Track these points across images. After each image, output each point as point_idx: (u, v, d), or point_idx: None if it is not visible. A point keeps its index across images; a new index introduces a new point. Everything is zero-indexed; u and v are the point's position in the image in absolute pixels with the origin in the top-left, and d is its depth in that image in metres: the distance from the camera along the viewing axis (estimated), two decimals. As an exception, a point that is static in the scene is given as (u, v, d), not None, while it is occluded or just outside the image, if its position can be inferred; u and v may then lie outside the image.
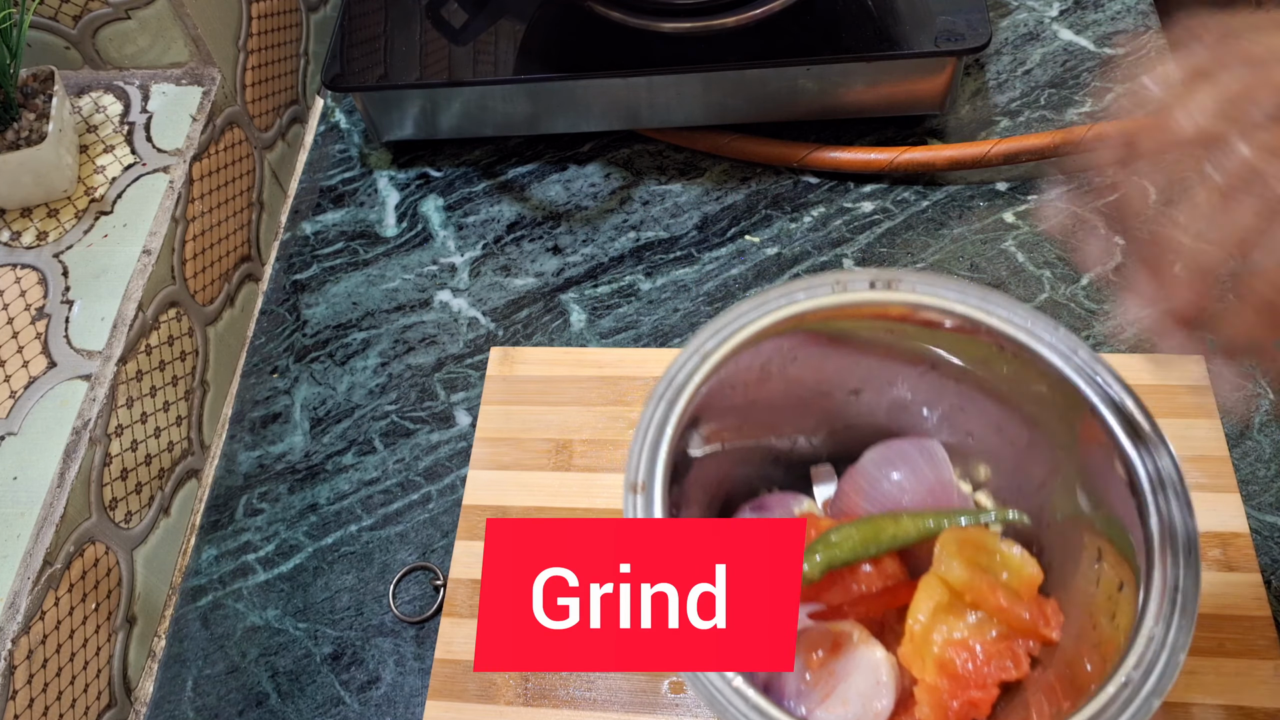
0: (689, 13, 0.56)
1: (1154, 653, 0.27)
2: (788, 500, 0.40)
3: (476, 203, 0.62)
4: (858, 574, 0.34)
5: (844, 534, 0.34)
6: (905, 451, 0.38)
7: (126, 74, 0.59)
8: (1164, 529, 0.29)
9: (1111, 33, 0.63)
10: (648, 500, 0.31)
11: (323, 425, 0.55)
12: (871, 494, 0.37)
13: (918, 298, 0.33)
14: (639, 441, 0.32)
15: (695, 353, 0.33)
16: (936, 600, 0.32)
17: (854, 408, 0.39)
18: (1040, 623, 0.32)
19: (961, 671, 0.31)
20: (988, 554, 0.33)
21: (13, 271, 0.51)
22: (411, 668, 0.47)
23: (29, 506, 0.43)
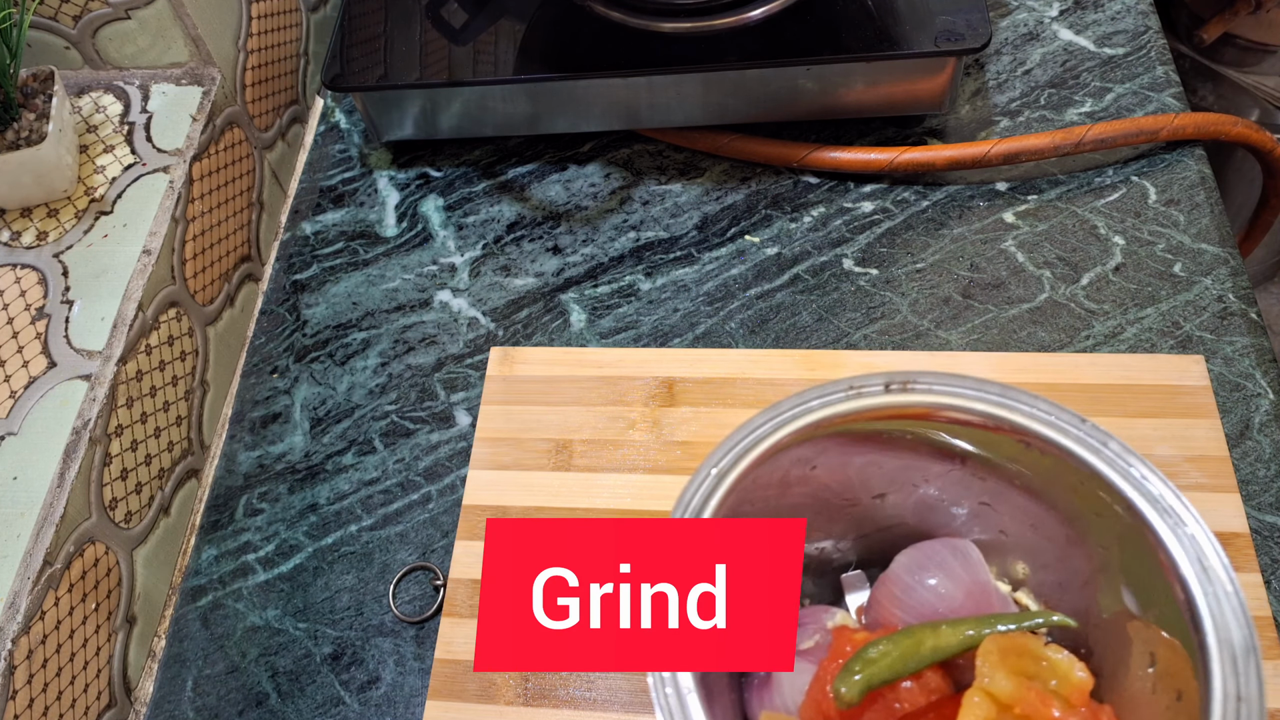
0: (689, 13, 0.56)
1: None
2: (820, 614, 0.38)
3: (476, 203, 0.62)
4: (899, 691, 0.32)
5: (881, 650, 0.32)
6: (938, 554, 0.36)
7: (126, 74, 0.59)
8: (1219, 633, 0.28)
9: (1112, 33, 0.63)
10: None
11: (323, 425, 0.55)
12: (907, 602, 0.35)
13: (935, 399, 0.32)
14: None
15: (710, 475, 0.32)
16: (984, 714, 0.30)
17: (881, 511, 0.38)
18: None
19: None
20: (1034, 660, 0.31)
21: (13, 271, 0.51)
22: (411, 668, 0.47)
23: (29, 506, 0.43)
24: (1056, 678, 0.31)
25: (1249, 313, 0.52)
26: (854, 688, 0.31)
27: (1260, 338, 0.51)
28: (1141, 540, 0.30)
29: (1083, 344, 0.52)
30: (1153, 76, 0.61)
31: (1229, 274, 0.53)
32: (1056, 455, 0.31)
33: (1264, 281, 0.81)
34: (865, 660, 0.32)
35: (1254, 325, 0.52)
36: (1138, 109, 0.60)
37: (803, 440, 0.33)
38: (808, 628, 0.37)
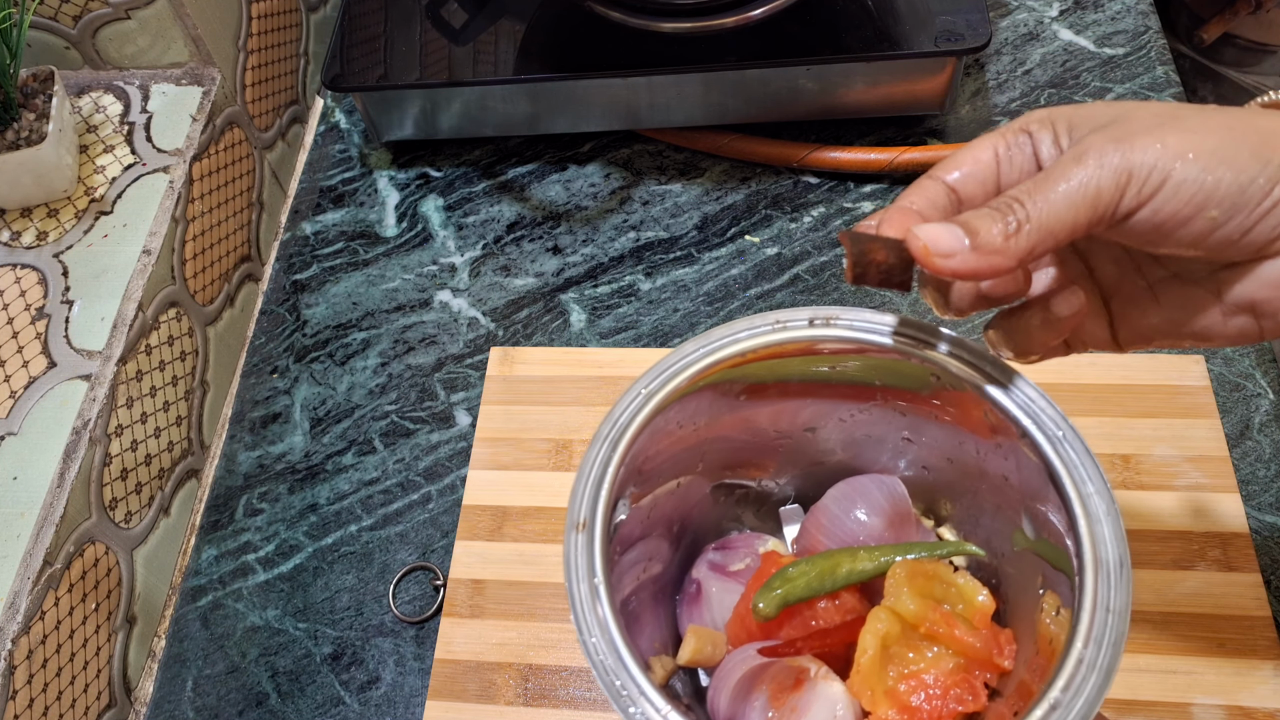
0: (689, 13, 0.56)
1: (1083, 675, 0.27)
2: (753, 540, 0.40)
3: (476, 203, 0.62)
4: (815, 609, 0.34)
5: (800, 570, 0.34)
6: (865, 488, 0.38)
7: (126, 74, 0.59)
8: (1095, 548, 0.29)
9: (1112, 33, 0.63)
10: (589, 538, 0.31)
11: (323, 425, 0.55)
12: (833, 531, 0.38)
13: (852, 334, 0.34)
14: (582, 481, 0.32)
15: (638, 394, 0.34)
16: (885, 632, 0.32)
17: (813, 445, 0.39)
18: (994, 652, 0.32)
19: (915, 704, 0.31)
20: (942, 585, 0.33)
21: (13, 271, 0.51)
22: (411, 668, 0.47)
23: (29, 506, 0.43)
24: (962, 602, 0.33)
25: (1249, 313, 0.52)
26: (771, 603, 0.33)
27: (1260, 338, 0.51)
28: (1036, 467, 0.31)
29: (1083, 344, 0.52)
30: (1153, 77, 0.61)
31: (1229, 274, 0.53)
32: (959, 384, 0.33)
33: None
34: (784, 578, 0.33)
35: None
36: (1138, 109, 0.60)
37: (730, 372, 0.35)
38: (739, 551, 0.39)
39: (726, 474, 0.40)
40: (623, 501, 0.34)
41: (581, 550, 0.31)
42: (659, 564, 0.38)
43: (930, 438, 0.37)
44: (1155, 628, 0.43)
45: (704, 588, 0.39)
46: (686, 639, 0.37)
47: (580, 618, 0.30)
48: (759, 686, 0.34)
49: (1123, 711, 0.42)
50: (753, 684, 0.35)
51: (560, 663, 0.45)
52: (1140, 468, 0.47)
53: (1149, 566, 0.45)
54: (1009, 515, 0.35)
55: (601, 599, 0.30)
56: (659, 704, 0.29)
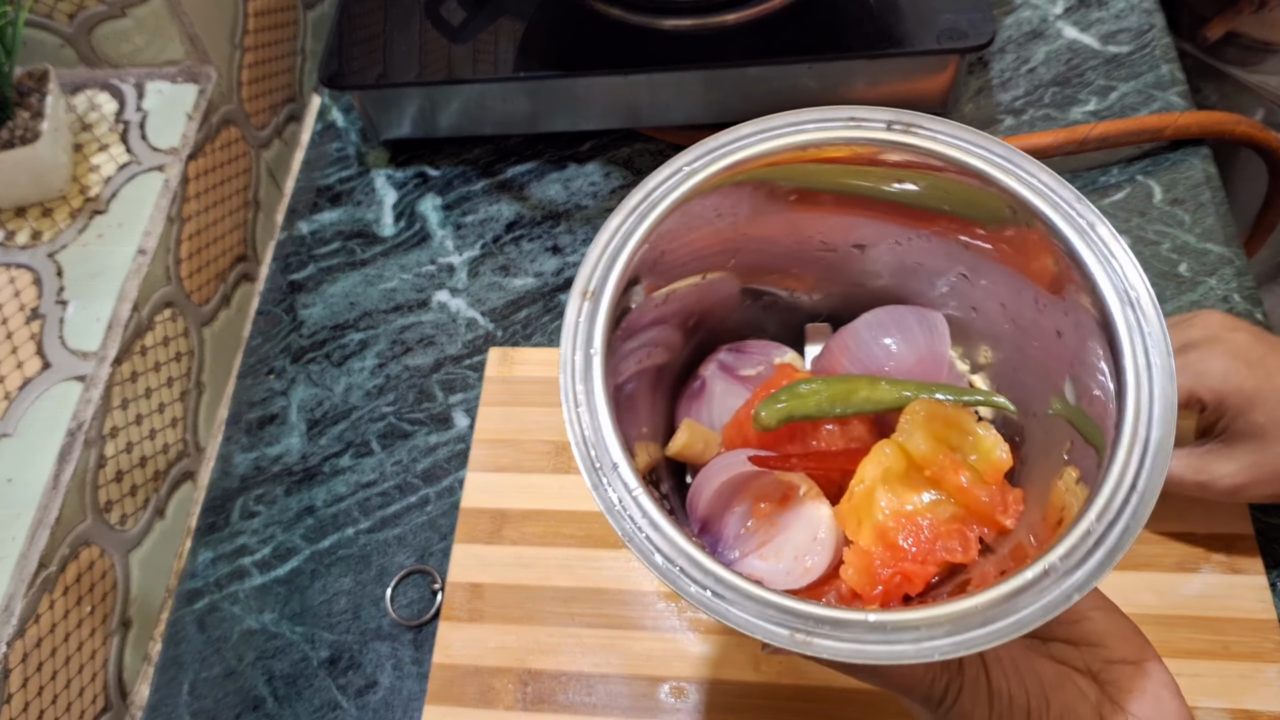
0: (689, 10, 0.56)
1: (1087, 549, 0.25)
2: (769, 349, 0.38)
3: (475, 202, 0.62)
4: (819, 430, 0.32)
5: (813, 388, 0.32)
6: (903, 318, 0.35)
7: (122, 72, 0.58)
8: (1137, 423, 0.27)
9: (1116, 30, 0.63)
10: (594, 308, 0.29)
11: (319, 427, 0.54)
12: (857, 354, 0.35)
13: (934, 145, 0.31)
14: (598, 248, 0.30)
15: (679, 169, 0.31)
16: (887, 466, 0.30)
17: (858, 265, 0.36)
18: (998, 509, 0.30)
19: (900, 543, 0.29)
20: (960, 432, 0.31)
21: (7, 271, 0.51)
22: (409, 672, 0.46)
23: (24, 509, 0.43)
24: (977, 453, 0.31)
25: (1254, 313, 0.52)
26: (774, 414, 0.31)
27: (1266, 339, 0.51)
28: (1098, 330, 0.29)
29: (1086, 345, 0.51)
30: (1157, 75, 0.60)
31: (1234, 274, 0.53)
32: (1040, 228, 0.30)
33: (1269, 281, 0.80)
34: (794, 393, 0.31)
35: (1259, 326, 0.51)
36: (1142, 108, 0.59)
37: (787, 164, 0.31)
38: (753, 357, 0.37)
39: (759, 278, 0.37)
40: (638, 287, 0.31)
41: (584, 318, 0.29)
42: (666, 353, 0.36)
43: (989, 278, 0.34)
44: (1159, 630, 0.43)
45: (708, 385, 0.37)
46: (679, 431, 0.35)
47: (568, 387, 0.28)
48: (743, 494, 0.33)
49: (1127, 716, 0.41)
50: (737, 491, 0.33)
51: (560, 667, 0.45)
52: (1145, 470, 0.47)
53: (1153, 569, 0.44)
54: (1052, 377, 0.32)
55: (595, 371, 0.28)
56: (630, 481, 0.27)
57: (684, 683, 0.44)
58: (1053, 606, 0.25)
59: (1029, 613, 0.25)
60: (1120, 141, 0.56)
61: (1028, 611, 0.25)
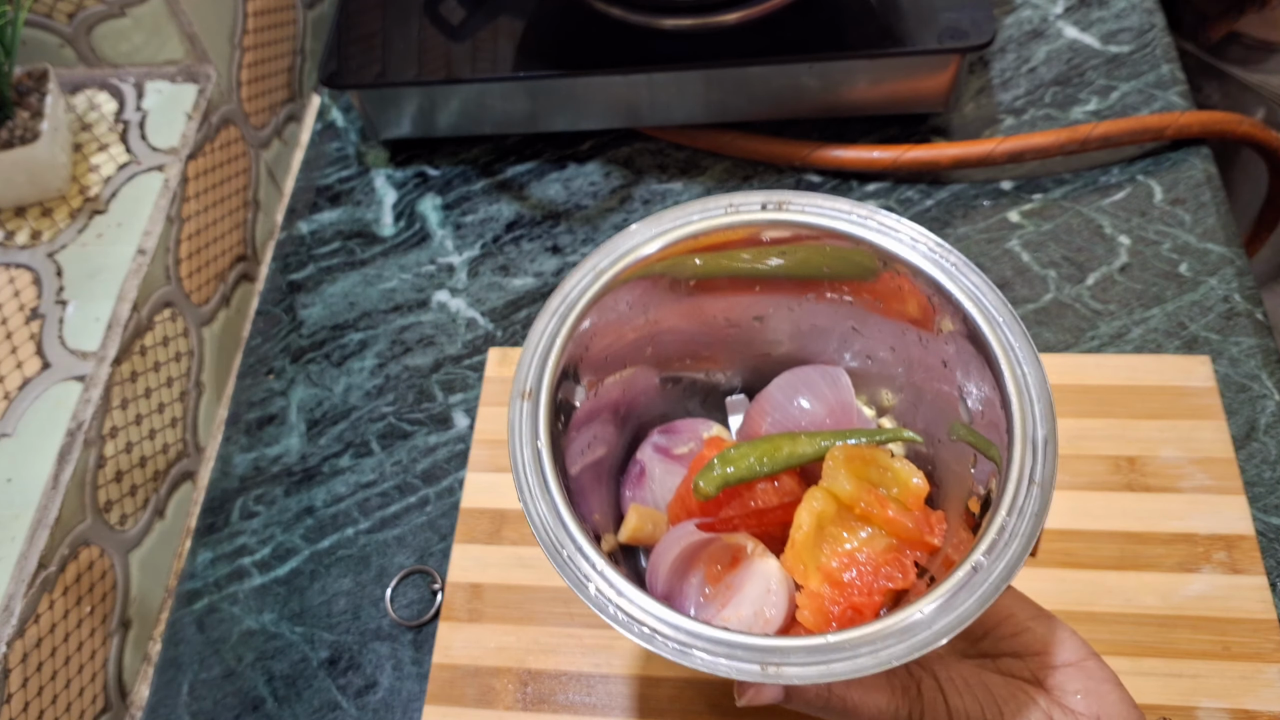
0: (690, 10, 0.56)
1: (1005, 541, 0.29)
2: (698, 425, 0.41)
3: (475, 202, 0.62)
4: (754, 491, 0.35)
5: (741, 452, 0.35)
6: (809, 377, 0.39)
7: (121, 72, 0.58)
8: (1025, 424, 0.30)
9: (1117, 30, 0.63)
10: (534, 406, 0.32)
11: (319, 427, 0.54)
12: (776, 417, 0.38)
13: (805, 218, 0.35)
14: (529, 353, 0.33)
15: (589, 271, 0.35)
16: (820, 510, 0.33)
17: (760, 336, 0.40)
18: (925, 531, 0.33)
19: (845, 579, 0.32)
20: (878, 469, 0.34)
21: (6, 271, 0.51)
22: (409, 672, 0.46)
23: (23, 509, 0.43)
24: (897, 485, 0.34)
25: (1255, 313, 0.51)
26: (712, 482, 0.34)
27: (1266, 338, 0.51)
28: (974, 354, 0.33)
29: (1088, 345, 0.51)
30: (1158, 74, 0.60)
31: (1235, 274, 0.53)
32: (906, 271, 0.34)
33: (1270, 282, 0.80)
34: (725, 459, 0.34)
35: (1260, 326, 0.51)
36: (1143, 107, 0.59)
37: (682, 254, 0.36)
38: (683, 435, 0.40)
39: (675, 364, 0.41)
40: (572, 383, 0.35)
41: (526, 417, 0.32)
42: (604, 446, 0.39)
43: (875, 327, 0.38)
44: (1160, 630, 0.43)
45: (647, 469, 0.40)
46: (628, 516, 0.38)
47: (522, 480, 0.31)
48: (696, 565, 0.35)
49: (1128, 717, 0.41)
50: (690, 562, 0.35)
51: (559, 668, 0.45)
52: (1146, 470, 0.47)
53: (1154, 569, 0.44)
54: (947, 405, 0.36)
55: (544, 462, 0.31)
56: (595, 558, 0.29)
57: (684, 683, 0.44)
58: (986, 598, 0.28)
59: (967, 607, 0.28)
60: (1121, 141, 0.56)
61: (965, 607, 0.28)
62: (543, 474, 0.31)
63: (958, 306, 0.33)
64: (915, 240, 0.34)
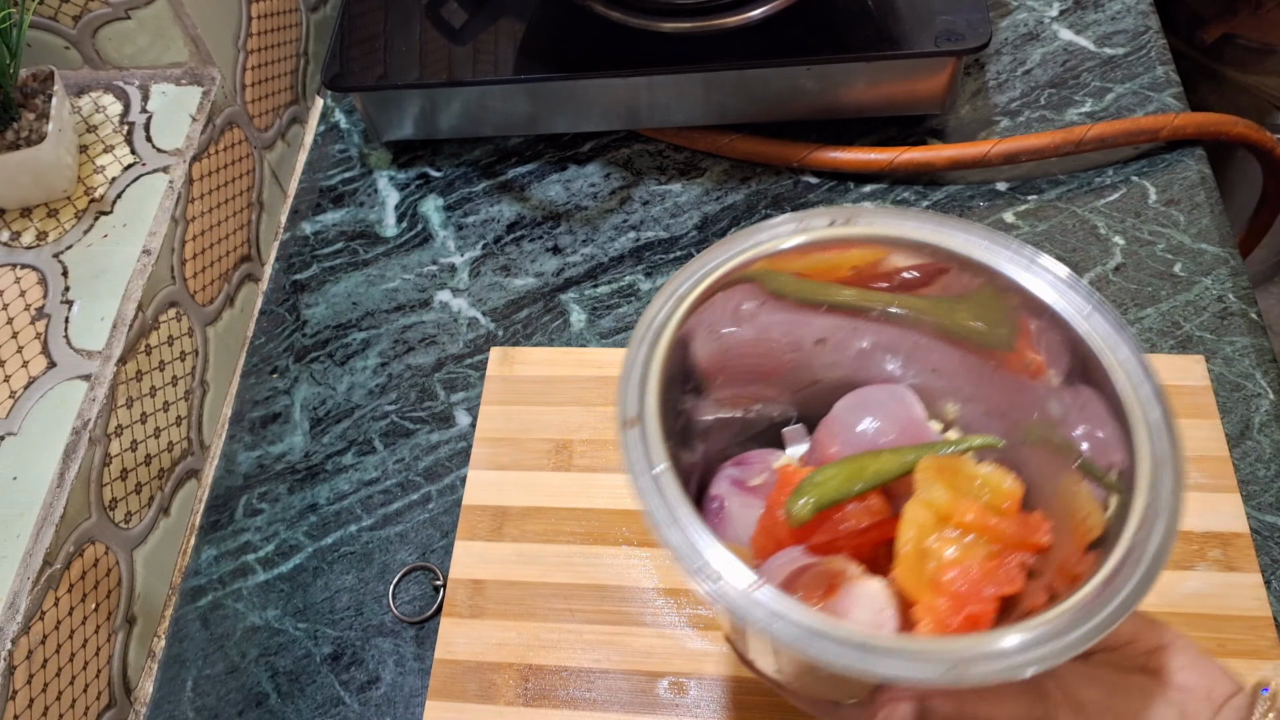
0: (689, 12, 0.56)
1: (1151, 520, 0.29)
2: (766, 456, 0.40)
3: (476, 203, 0.62)
4: (844, 512, 0.34)
5: (828, 474, 0.34)
6: (875, 396, 0.38)
7: (126, 74, 0.59)
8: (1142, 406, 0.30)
9: (1112, 32, 0.63)
10: (642, 432, 0.31)
11: (322, 425, 0.54)
12: (847, 439, 0.38)
13: (874, 230, 0.35)
14: (626, 381, 0.32)
15: (670, 297, 0.34)
16: (922, 523, 0.32)
17: (819, 359, 0.40)
18: (1029, 533, 0.32)
19: (958, 590, 0.32)
20: (967, 479, 0.34)
21: (12, 271, 0.51)
22: (411, 668, 0.47)
23: (28, 507, 0.43)
24: (989, 490, 0.34)
25: (1249, 313, 0.52)
26: (806, 508, 0.33)
27: (1260, 338, 0.51)
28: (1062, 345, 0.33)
29: (1083, 344, 0.52)
30: (1153, 76, 0.61)
31: (1229, 274, 0.53)
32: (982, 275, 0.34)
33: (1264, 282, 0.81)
34: (813, 484, 0.34)
35: (1254, 325, 0.51)
36: (1138, 109, 0.60)
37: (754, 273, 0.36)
38: (754, 467, 0.40)
39: (739, 394, 0.41)
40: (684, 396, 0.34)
41: (635, 445, 0.31)
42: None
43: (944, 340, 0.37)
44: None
45: (726, 504, 0.39)
46: None
47: (653, 513, 0.29)
48: (793, 595, 0.34)
49: (1123, 712, 0.42)
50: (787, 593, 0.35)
51: (560, 663, 0.45)
52: (1140, 468, 0.47)
53: (1149, 566, 0.45)
54: (1021, 408, 0.35)
55: (667, 486, 0.30)
56: (747, 576, 0.28)
57: (683, 678, 0.45)
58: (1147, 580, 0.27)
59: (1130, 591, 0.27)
60: (1116, 143, 0.56)
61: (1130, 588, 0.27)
62: (668, 500, 0.30)
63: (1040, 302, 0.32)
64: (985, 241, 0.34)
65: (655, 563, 0.48)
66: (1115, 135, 0.56)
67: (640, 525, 0.49)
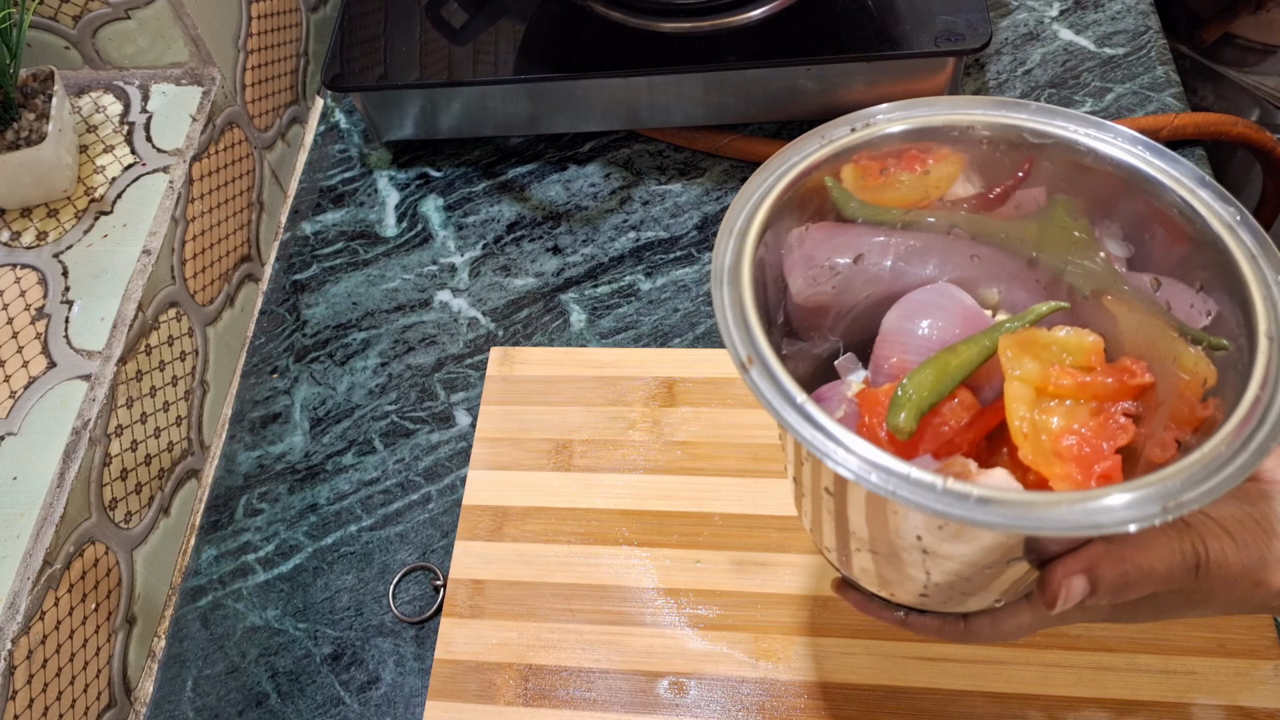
0: (689, 13, 0.56)
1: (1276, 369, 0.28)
2: (837, 388, 0.39)
3: (476, 203, 0.62)
4: (941, 415, 0.34)
5: (917, 379, 0.34)
6: (925, 299, 0.38)
7: (126, 74, 0.59)
8: (1248, 234, 0.31)
9: (1112, 33, 0.63)
10: (763, 369, 0.30)
11: (322, 425, 0.54)
12: (911, 346, 0.37)
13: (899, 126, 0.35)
14: (724, 325, 0.31)
15: (731, 235, 0.33)
16: (1027, 398, 0.32)
17: (858, 278, 0.39)
18: (1125, 377, 0.32)
19: (1080, 453, 0.31)
20: (1045, 347, 0.34)
21: (12, 271, 0.51)
22: (411, 668, 0.47)
23: (29, 507, 0.43)
24: (1069, 350, 0.33)
25: (1249, 313, 0.52)
26: (909, 418, 0.33)
27: (1261, 338, 0.51)
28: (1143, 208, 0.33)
29: (1083, 344, 0.52)
30: (1153, 76, 0.61)
31: (1229, 274, 0.53)
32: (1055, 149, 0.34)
33: (1264, 281, 0.81)
34: (906, 393, 0.33)
35: (1254, 325, 0.51)
36: (1138, 109, 0.60)
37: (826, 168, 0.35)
38: (832, 401, 0.38)
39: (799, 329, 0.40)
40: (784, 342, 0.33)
41: (764, 382, 0.29)
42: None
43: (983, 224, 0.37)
44: (1155, 628, 0.43)
45: None
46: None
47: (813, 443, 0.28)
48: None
49: (1123, 712, 0.42)
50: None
51: (560, 663, 0.45)
52: (1141, 467, 0.47)
53: (1149, 566, 0.45)
54: (1070, 264, 0.35)
55: (816, 416, 0.29)
56: (930, 476, 0.27)
57: (683, 678, 0.45)
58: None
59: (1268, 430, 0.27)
60: (1116, 142, 0.56)
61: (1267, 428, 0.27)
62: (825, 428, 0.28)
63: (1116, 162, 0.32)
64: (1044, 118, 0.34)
65: (655, 563, 0.48)
66: (1115, 135, 0.56)
67: (640, 525, 0.49)
